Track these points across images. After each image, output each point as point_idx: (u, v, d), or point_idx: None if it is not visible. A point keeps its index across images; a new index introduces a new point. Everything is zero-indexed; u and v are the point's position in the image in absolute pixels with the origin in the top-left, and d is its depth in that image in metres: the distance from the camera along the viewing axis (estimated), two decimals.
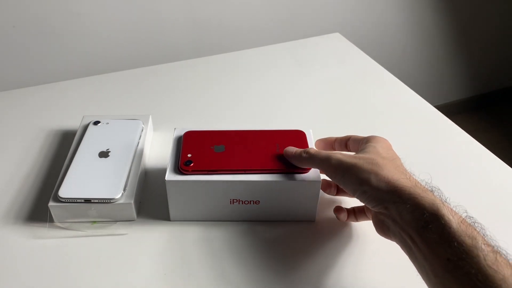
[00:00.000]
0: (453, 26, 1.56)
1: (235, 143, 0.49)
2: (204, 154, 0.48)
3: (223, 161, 0.47)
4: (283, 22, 1.27)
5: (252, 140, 0.50)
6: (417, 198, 0.37)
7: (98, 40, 1.10)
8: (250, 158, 0.47)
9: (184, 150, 0.48)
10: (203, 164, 0.46)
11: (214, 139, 0.50)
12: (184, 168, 0.46)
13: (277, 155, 0.48)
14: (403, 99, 0.73)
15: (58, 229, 0.49)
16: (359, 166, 0.41)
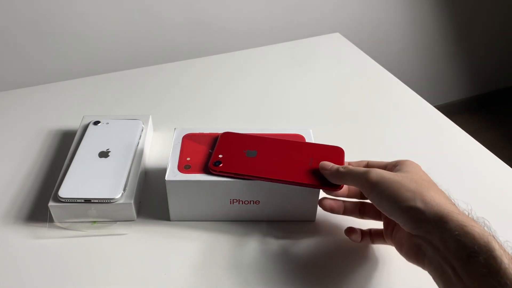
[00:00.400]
0: (453, 26, 1.56)
1: (269, 150, 0.49)
2: (235, 156, 0.47)
3: (252, 166, 0.46)
4: (283, 22, 1.27)
5: (286, 150, 0.49)
6: (466, 227, 0.34)
7: (98, 40, 1.10)
8: (280, 167, 0.46)
9: (217, 150, 0.48)
10: (232, 166, 0.46)
11: (248, 143, 0.49)
12: (213, 168, 0.46)
13: (309, 169, 0.46)
14: (403, 99, 0.73)
15: (58, 229, 0.49)
16: (403, 183, 0.38)
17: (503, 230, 0.50)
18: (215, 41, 1.22)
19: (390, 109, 0.70)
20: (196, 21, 1.17)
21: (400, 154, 0.61)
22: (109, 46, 1.12)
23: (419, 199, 0.37)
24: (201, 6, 1.15)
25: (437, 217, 0.35)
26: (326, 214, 0.51)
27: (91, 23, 1.07)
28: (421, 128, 0.66)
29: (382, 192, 0.39)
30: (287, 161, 0.47)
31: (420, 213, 0.36)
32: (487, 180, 0.57)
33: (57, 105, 0.70)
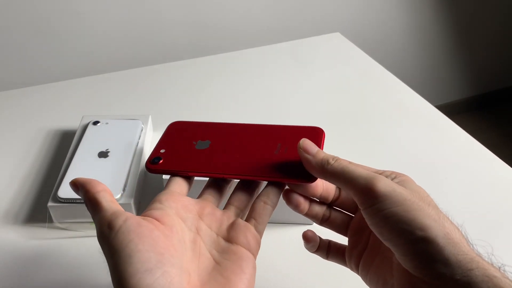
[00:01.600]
0: (454, 26, 1.56)
1: (225, 139, 0.39)
2: (180, 150, 0.38)
3: (200, 161, 0.37)
4: (283, 22, 1.27)
5: (247, 137, 0.39)
6: (496, 277, 0.26)
7: (98, 40, 1.10)
8: (236, 159, 0.36)
9: (159, 144, 0.39)
10: (173, 163, 0.37)
11: (201, 133, 0.40)
12: (149, 167, 0.37)
13: (274, 158, 0.36)
14: (404, 99, 0.73)
15: (57, 230, 0.49)
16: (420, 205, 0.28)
17: (503, 230, 0.50)
18: (215, 41, 1.22)
19: (391, 109, 0.70)
20: (196, 21, 1.17)
21: (400, 154, 0.60)
22: (109, 46, 1.12)
23: (440, 231, 0.27)
24: (201, 6, 1.15)
25: (462, 262, 0.26)
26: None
27: (91, 23, 1.07)
28: (422, 128, 0.66)
29: (389, 209, 0.28)
30: (246, 151, 0.37)
31: (438, 251, 0.27)
32: (487, 180, 0.57)
33: (57, 105, 0.70)
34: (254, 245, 0.31)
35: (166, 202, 0.32)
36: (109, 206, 0.30)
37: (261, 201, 0.34)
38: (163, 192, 0.33)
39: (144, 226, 0.28)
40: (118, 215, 0.28)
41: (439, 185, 0.56)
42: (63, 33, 1.05)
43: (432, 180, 0.56)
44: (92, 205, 0.31)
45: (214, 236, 0.31)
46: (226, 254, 0.30)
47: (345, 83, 0.76)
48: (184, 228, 0.31)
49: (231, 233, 0.31)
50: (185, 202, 0.33)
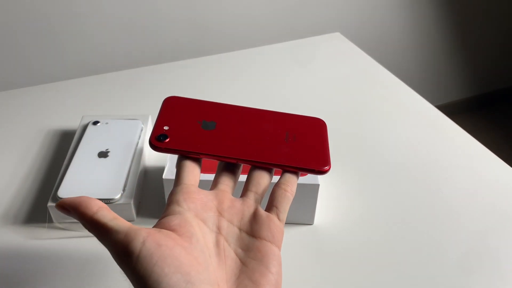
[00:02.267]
0: (454, 26, 1.56)
1: (231, 121, 0.37)
2: (186, 128, 0.36)
3: (209, 142, 0.35)
4: (283, 22, 1.27)
5: (253, 121, 0.38)
6: None
7: (98, 40, 1.10)
8: (248, 143, 0.36)
9: (160, 119, 0.36)
10: (182, 142, 0.34)
11: (204, 112, 0.38)
12: (155, 144, 0.34)
13: (286, 145, 0.36)
14: (404, 99, 0.73)
15: (57, 230, 0.49)
16: None
17: (503, 230, 0.50)
18: (215, 41, 1.22)
19: (391, 109, 0.70)
20: (196, 21, 1.17)
21: (400, 154, 0.60)
22: (108, 46, 1.12)
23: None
24: (201, 6, 1.15)
25: None
26: (325, 218, 0.51)
27: (91, 23, 1.07)
28: (422, 127, 0.66)
29: None
30: (256, 135, 0.36)
31: None
32: (487, 180, 0.57)
33: (57, 105, 0.70)
34: (278, 236, 0.31)
35: (184, 204, 0.30)
36: (118, 226, 0.28)
37: (281, 189, 0.33)
38: (178, 188, 0.32)
39: (164, 246, 0.26)
40: (134, 237, 0.27)
41: (439, 185, 0.56)
42: (63, 33, 1.05)
43: (432, 180, 0.56)
44: (95, 229, 0.28)
45: (237, 231, 0.31)
46: (251, 251, 0.30)
47: (345, 83, 0.76)
48: (206, 231, 0.30)
49: (254, 226, 0.31)
50: (203, 199, 0.32)
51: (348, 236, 0.49)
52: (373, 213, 0.52)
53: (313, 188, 0.47)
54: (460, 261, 0.46)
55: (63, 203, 0.30)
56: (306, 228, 0.50)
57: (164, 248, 0.26)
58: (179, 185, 0.32)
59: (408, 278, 0.45)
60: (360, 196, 0.54)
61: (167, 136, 0.34)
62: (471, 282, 0.44)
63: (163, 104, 0.37)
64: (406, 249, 0.47)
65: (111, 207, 0.48)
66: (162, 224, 0.29)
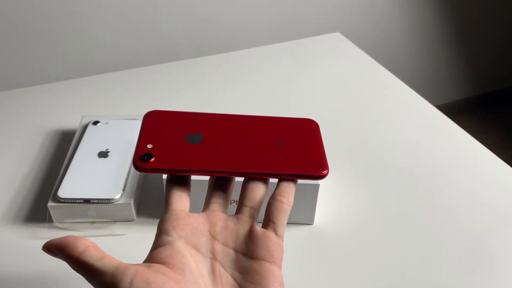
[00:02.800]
0: (454, 25, 1.56)
1: (218, 132, 0.35)
2: (171, 145, 0.33)
3: (197, 157, 0.33)
4: (283, 22, 1.27)
5: (241, 129, 0.36)
6: None
7: (98, 40, 1.10)
8: (237, 155, 0.33)
9: (142, 137, 0.33)
10: (168, 160, 0.32)
11: (189, 124, 0.35)
12: (140, 165, 0.31)
13: (279, 152, 0.34)
14: (404, 99, 0.73)
15: (57, 230, 0.49)
16: None
17: (503, 230, 0.50)
18: (215, 41, 1.22)
19: (391, 109, 0.70)
20: (196, 21, 1.17)
21: (400, 154, 0.60)
22: (109, 46, 1.12)
23: None
24: (201, 6, 1.15)
25: None
26: (325, 217, 0.51)
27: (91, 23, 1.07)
28: (422, 128, 0.66)
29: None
30: (246, 145, 0.34)
31: None
32: (488, 180, 0.57)
33: (57, 105, 0.70)
34: (277, 255, 0.29)
35: (173, 232, 0.29)
36: (104, 267, 0.27)
37: (277, 201, 0.31)
38: (166, 216, 0.30)
39: (154, 283, 0.25)
40: (121, 277, 0.26)
41: (439, 185, 0.56)
42: (63, 33, 1.05)
43: (432, 180, 0.56)
44: (82, 270, 0.27)
45: (233, 254, 0.29)
46: (249, 274, 0.28)
47: (345, 83, 0.76)
48: (199, 258, 0.28)
49: (251, 246, 0.29)
50: (194, 224, 0.30)
51: (348, 236, 0.49)
52: (373, 213, 0.52)
53: (313, 188, 0.47)
54: (460, 261, 0.46)
55: (49, 245, 0.28)
56: (306, 228, 0.50)
57: (154, 285, 0.25)
58: (167, 212, 0.31)
59: (408, 278, 0.45)
60: (360, 196, 0.54)
61: (151, 155, 0.32)
62: (471, 282, 0.44)
63: (144, 120, 0.35)
64: (406, 249, 0.47)
65: (111, 207, 0.48)
66: (152, 257, 0.28)
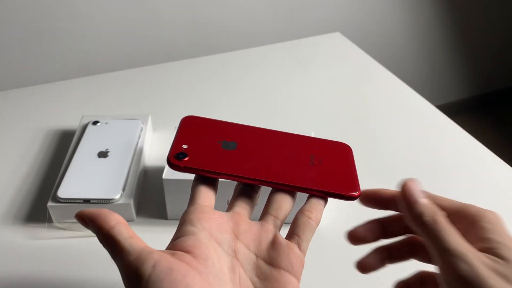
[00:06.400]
0: (454, 25, 1.55)
1: (252, 142, 0.36)
2: (206, 148, 0.34)
3: (232, 162, 0.33)
4: (283, 22, 1.27)
5: (276, 143, 0.36)
6: None
7: (98, 40, 1.10)
8: (273, 165, 0.34)
9: (179, 138, 0.34)
10: (202, 161, 0.33)
11: (224, 132, 0.36)
12: (174, 163, 0.32)
13: (312, 169, 0.34)
14: (404, 99, 0.73)
15: (57, 230, 0.49)
16: None
17: None
18: (215, 41, 1.22)
19: (391, 108, 0.70)
20: (196, 21, 1.17)
21: (401, 154, 0.60)
22: (108, 45, 1.12)
23: None
24: (201, 6, 1.15)
25: None
26: (327, 220, 0.51)
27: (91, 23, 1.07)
28: (422, 127, 0.66)
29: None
30: (279, 157, 0.35)
31: None
32: (488, 180, 0.57)
33: (56, 105, 0.70)
34: (298, 267, 0.29)
35: (198, 224, 0.28)
36: (131, 247, 0.26)
37: (305, 216, 0.31)
38: (192, 208, 0.30)
39: (176, 270, 0.25)
40: (145, 260, 0.25)
41: (439, 185, 0.56)
42: (62, 33, 1.05)
43: (432, 180, 0.56)
44: (109, 244, 0.27)
45: (254, 258, 0.29)
46: (268, 282, 0.28)
47: (345, 83, 0.76)
48: (221, 254, 0.28)
49: (272, 254, 0.29)
50: (219, 220, 0.29)
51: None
52: (373, 212, 0.52)
53: None
54: None
55: (82, 214, 0.28)
56: None
57: (176, 273, 0.25)
58: (192, 205, 0.30)
59: None
60: None
61: (186, 154, 0.33)
62: None
63: (182, 122, 0.36)
64: None
65: (110, 207, 0.48)
66: (176, 245, 0.27)
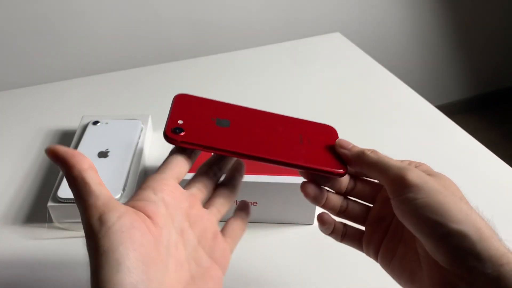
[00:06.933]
0: (454, 25, 1.55)
1: (245, 121, 0.36)
2: (200, 124, 0.34)
3: (226, 139, 0.34)
4: (283, 22, 1.27)
5: (266, 122, 0.37)
6: None
7: (98, 40, 1.10)
8: (265, 142, 0.35)
9: (173, 114, 0.34)
10: (199, 136, 0.33)
11: (217, 110, 0.36)
12: (171, 137, 0.32)
13: (301, 147, 0.35)
14: (404, 99, 0.73)
15: (57, 230, 0.49)
16: (452, 199, 0.29)
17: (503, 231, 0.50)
18: (215, 41, 1.22)
19: (391, 108, 0.70)
20: (196, 21, 1.17)
21: (401, 154, 0.60)
22: (108, 46, 1.12)
23: (472, 226, 0.27)
24: (201, 6, 1.15)
25: (494, 257, 0.27)
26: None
27: (91, 22, 1.07)
28: (422, 127, 0.66)
29: (422, 199, 0.28)
30: (271, 136, 0.36)
31: (470, 245, 0.27)
32: (488, 180, 0.57)
33: (57, 105, 0.70)
34: (226, 263, 0.32)
35: (160, 194, 0.29)
36: (100, 192, 0.27)
37: (237, 220, 0.35)
38: (159, 177, 0.30)
39: (137, 228, 0.26)
40: (112, 208, 0.26)
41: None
42: (63, 33, 1.05)
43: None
44: (78, 186, 0.27)
45: (195, 243, 0.30)
46: (201, 270, 0.29)
47: (345, 83, 0.76)
48: (172, 229, 0.29)
49: (211, 245, 0.31)
50: (178, 197, 0.30)
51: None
52: None
53: None
54: None
55: (55, 150, 0.27)
56: (306, 228, 0.50)
57: (135, 231, 0.25)
58: (161, 174, 0.30)
59: None
60: None
61: (182, 129, 0.33)
62: None
63: (175, 100, 0.36)
64: None
65: None
66: (138, 206, 0.28)
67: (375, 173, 0.32)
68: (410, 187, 0.29)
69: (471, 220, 0.28)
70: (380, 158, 0.32)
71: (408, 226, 0.29)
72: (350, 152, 0.34)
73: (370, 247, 0.35)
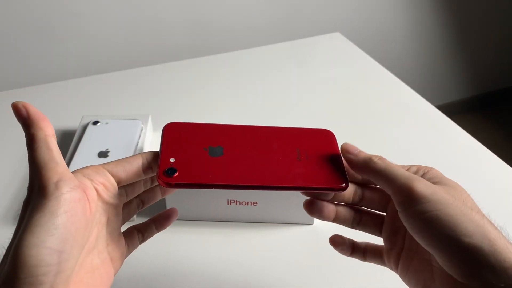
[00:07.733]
0: (454, 25, 1.55)
1: (238, 144, 0.35)
2: (193, 158, 0.33)
3: (221, 171, 0.33)
4: (283, 22, 1.27)
5: (260, 140, 0.36)
6: None
7: (98, 40, 1.10)
8: (259, 168, 0.33)
9: (165, 150, 0.33)
10: (192, 174, 0.32)
11: (209, 137, 0.35)
12: (165, 180, 0.31)
13: (300, 165, 0.34)
14: (404, 99, 0.73)
15: None
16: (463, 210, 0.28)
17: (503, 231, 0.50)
18: (215, 41, 1.22)
19: (391, 109, 0.70)
20: (196, 21, 1.17)
21: (401, 154, 0.60)
22: (108, 46, 1.12)
23: (484, 237, 0.27)
24: (201, 6, 1.15)
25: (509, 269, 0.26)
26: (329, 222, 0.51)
27: (90, 23, 1.07)
28: (422, 127, 0.66)
29: (429, 214, 0.28)
30: (267, 157, 0.34)
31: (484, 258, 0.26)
32: (488, 180, 0.57)
33: (57, 105, 0.70)
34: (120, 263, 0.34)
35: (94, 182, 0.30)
36: (60, 160, 0.28)
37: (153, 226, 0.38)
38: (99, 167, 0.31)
39: (82, 202, 0.27)
40: (68, 179, 0.27)
41: None
42: (62, 33, 1.05)
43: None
44: (41, 148, 0.28)
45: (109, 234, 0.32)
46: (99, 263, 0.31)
47: (345, 83, 0.76)
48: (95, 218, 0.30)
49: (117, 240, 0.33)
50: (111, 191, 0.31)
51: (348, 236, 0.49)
52: None
53: None
54: None
55: (27, 107, 0.30)
56: (306, 228, 0.50)
57: (81, 204, 0.27)
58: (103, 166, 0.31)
59: None
60: None
61: (175, 169, 0.32)
62: None
63: (164, 132, 0.35)
64: None
65: None
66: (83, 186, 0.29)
67: (381, 182, 0.31)
68: (418, 199, 0.28)
69: (483, 232, 0.27)
70: (388, 166, 0.31)
71: (419, 240, 0.29)
72: (357, 158, 0.33)
73: (391, 261, 0.34)
